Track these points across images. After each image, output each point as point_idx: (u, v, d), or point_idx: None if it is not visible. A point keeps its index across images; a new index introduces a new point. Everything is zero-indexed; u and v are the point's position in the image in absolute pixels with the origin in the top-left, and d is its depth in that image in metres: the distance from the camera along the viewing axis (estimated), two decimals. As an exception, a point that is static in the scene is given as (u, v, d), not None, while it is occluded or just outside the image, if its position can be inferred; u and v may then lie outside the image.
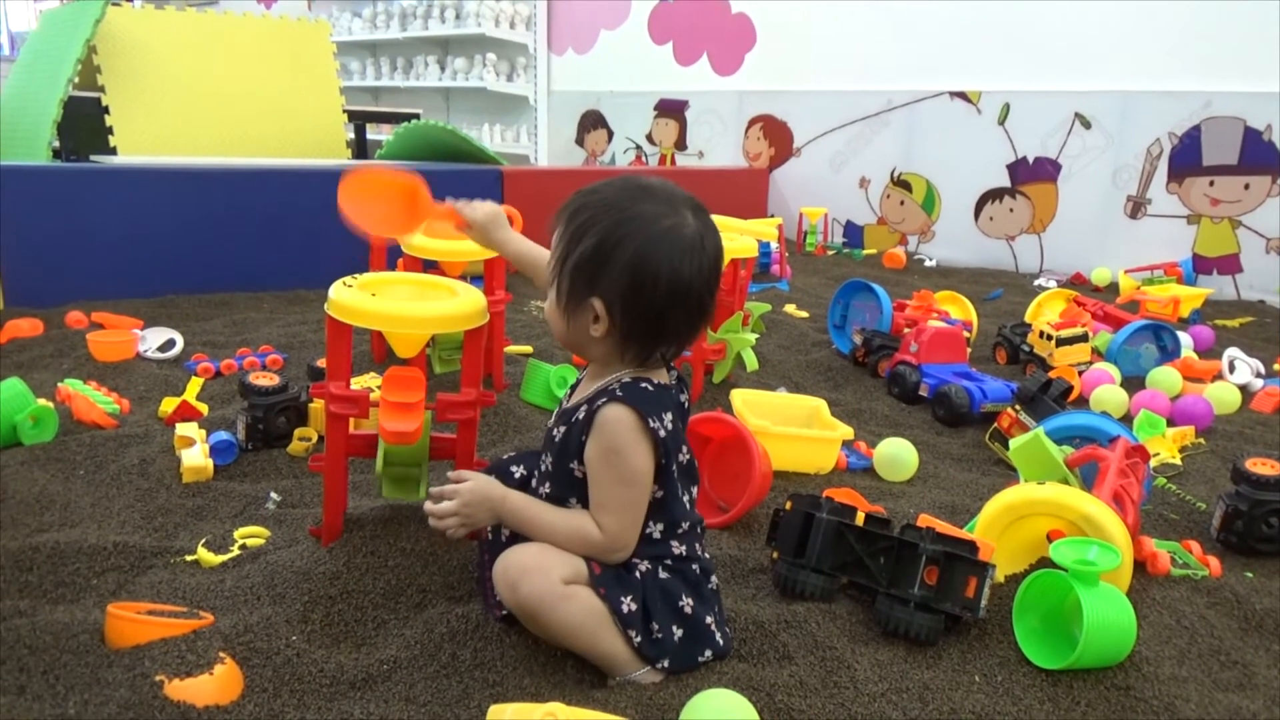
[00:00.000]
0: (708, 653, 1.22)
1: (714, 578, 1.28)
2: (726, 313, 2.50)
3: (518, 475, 1.34)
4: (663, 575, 1.22)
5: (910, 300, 3.22)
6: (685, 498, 1.25)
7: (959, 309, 3.21)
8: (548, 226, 1.26)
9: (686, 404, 1.31)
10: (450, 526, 1.24)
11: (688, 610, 1.21)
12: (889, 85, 5.27)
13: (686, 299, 1.19)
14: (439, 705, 1.14)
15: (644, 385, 1.20)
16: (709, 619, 1.23)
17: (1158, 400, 2.37)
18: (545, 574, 1.15)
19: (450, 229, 1.52)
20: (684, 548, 1.24)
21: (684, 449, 1.24)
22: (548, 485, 1.26)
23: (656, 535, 1.23)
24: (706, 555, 1.29)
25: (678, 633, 1.20)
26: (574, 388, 1.32)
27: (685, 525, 1.25)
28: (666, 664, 1.19)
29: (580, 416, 1.21)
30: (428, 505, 1.26)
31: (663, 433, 1.18)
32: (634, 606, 1.17)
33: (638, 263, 1.16)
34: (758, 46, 5.91)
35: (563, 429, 1.24)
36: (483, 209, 1.49)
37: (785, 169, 5.85)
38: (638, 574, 1.20)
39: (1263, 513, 1.63)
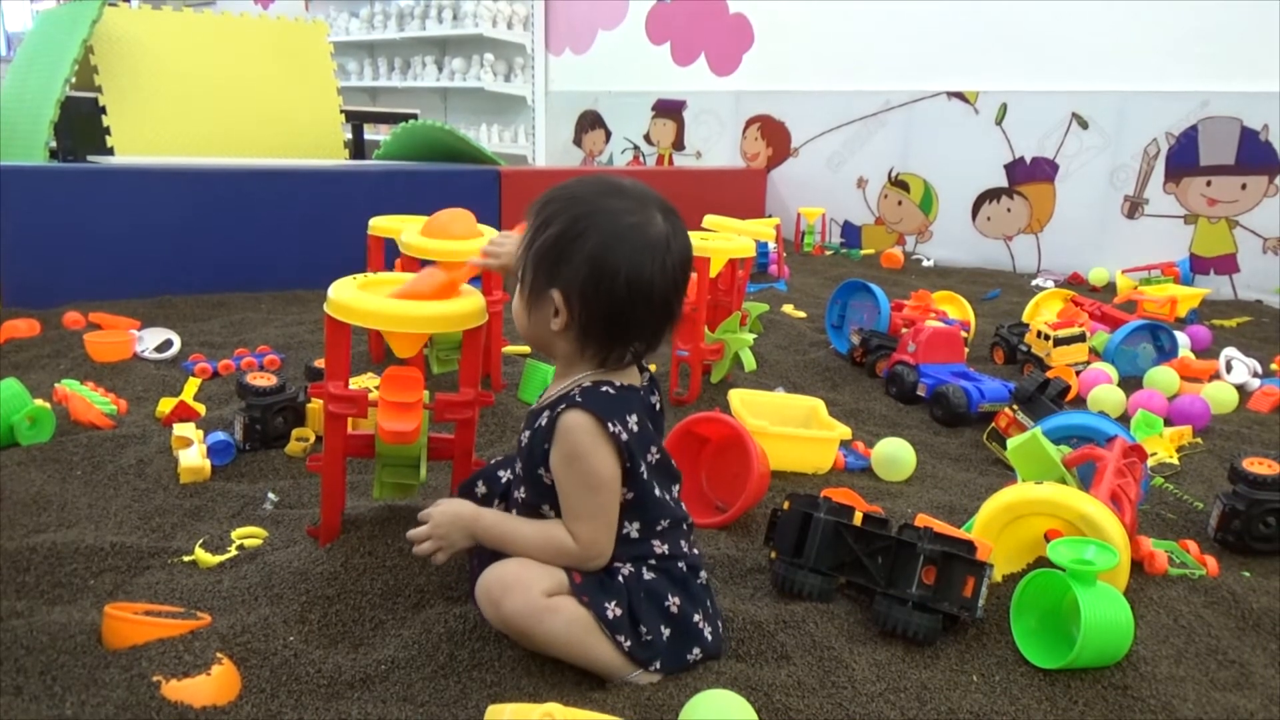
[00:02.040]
0: (696, 650, 1.21)
1: (703, 573, 1.28)
2: (724, 313, 2.50)
3: (504, 479, 1.34)
4: (647, 576, 1.21)
5: (908, 300, 3.22)
6: (666, 496, 1.24)
7: (956, 309, 3.21)
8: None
9: (657, 405, 1.29)
10: (427, 551, 1.24)
11: (674, 609, 1.20)
12: (886, 85, 5.28)
13: (648, 298, 1.17)
14: (437, 705, 1.14)
15: (604, 389, 1.19)
16: (697, 616, 1.22)
17: (1155, 400, 2.37)
18: (527, 589, 1.15)
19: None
20: (666, 546, 1.23)
21: (653, 449, 1.23)
22: (522, 490, 1.26)
23: (634, 535, 1.22)
24: (695, 551, 1.28)
25: (666, 632, 1.19)
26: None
27: (665, 523, 1.23)
28: (658, 665, 1.19)
29: (543, 422, 1.20)
30: (409, 533, 1.26)
31: (624, 436, 1.16)
32: (619, 611, 1.17)
33: (597, 255, 1.15)
34: (755, 47, 5.91)
35: (527, 434, 1.23)
36: (507, 243, 1.37)
37: (783, 169, 5.85)
38: (620, 578, 1.20)
39: (1260, 512, 1.64)
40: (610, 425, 1.15)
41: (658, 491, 1.23)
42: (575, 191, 1.20)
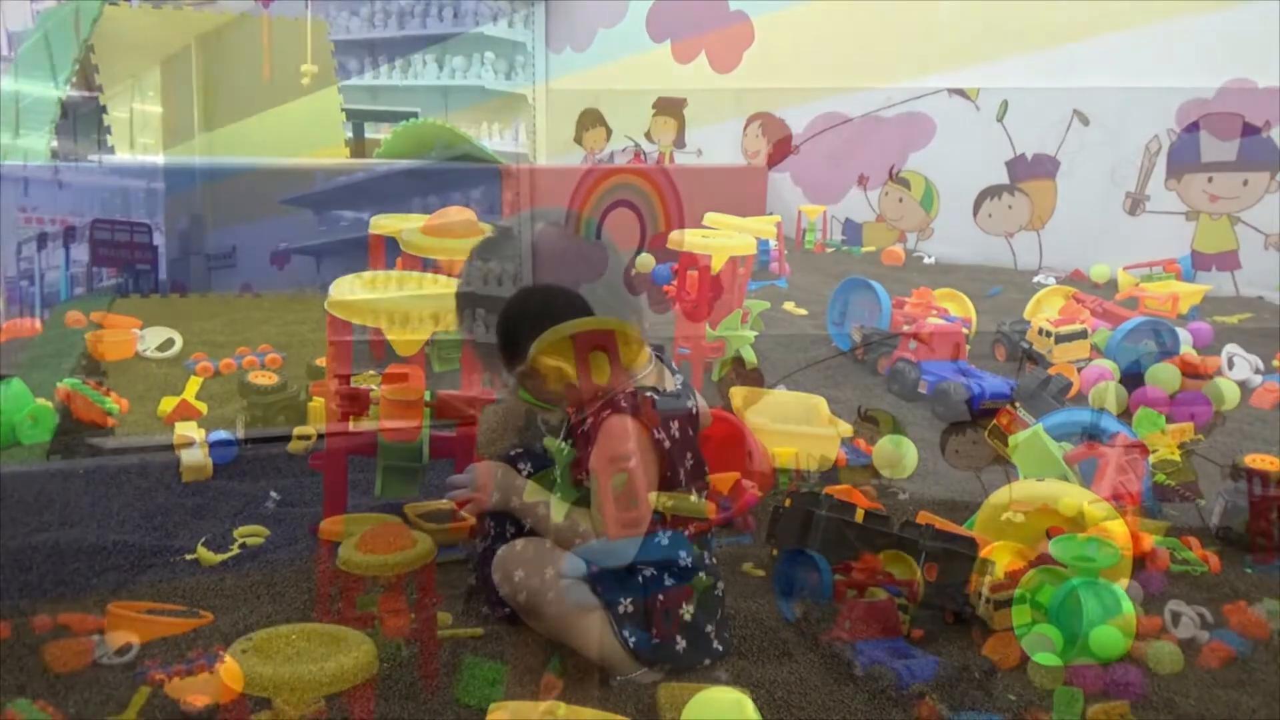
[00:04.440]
0: (706, 660, 1.23)
1: (720, 584, 1.29)
2: (726, 310, 2.50)
3: (525, 473, 1.34)
4: (668, 581, 1.22)
5: (909, 298, 3.21)
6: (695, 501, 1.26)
7: (958, 306, 3.21)
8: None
9: (695, 409, 1.31)
10: (459, 495, 1.26)
11: (688, 618, 1.21)
12: (887, 82, 5.27)
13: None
14: (439, 703, 1.14)
15: (649, 395, 1.21)
16: (709, 627, 1.23)
17: (1157, 396, 2.37)
18: (542, 570, 1.17)
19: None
20: (689, 555, 1.24)
21: (689, 455, 1.25)
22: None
23: (664, 542, 1.23)
24: (714, 561, 1.30)
25: (678, 639, 1.20)
26: None
27: (689, 531, 1.25)
28: (662, 667, 1.20)
29: (587, 427, 1.22)
30: (450, 479, 1.29)
31: (667, 443, 1.19)
32: (631, 609, 1.18)
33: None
34: (756, 44, 5.90)
35: (570, 441, 1.26)
36: (482, 474, 1.31)
37: (784, 166, 5.85)
38: (640, 578, 1.21)
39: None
40: (656, 432, 1.19)
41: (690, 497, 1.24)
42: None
